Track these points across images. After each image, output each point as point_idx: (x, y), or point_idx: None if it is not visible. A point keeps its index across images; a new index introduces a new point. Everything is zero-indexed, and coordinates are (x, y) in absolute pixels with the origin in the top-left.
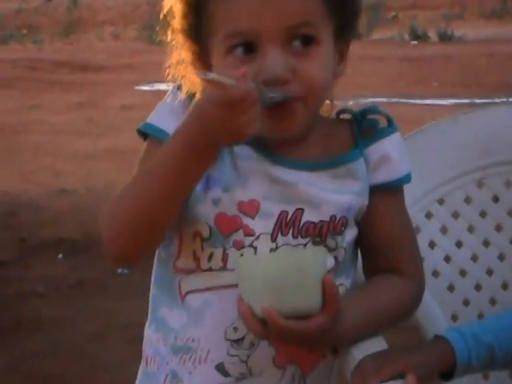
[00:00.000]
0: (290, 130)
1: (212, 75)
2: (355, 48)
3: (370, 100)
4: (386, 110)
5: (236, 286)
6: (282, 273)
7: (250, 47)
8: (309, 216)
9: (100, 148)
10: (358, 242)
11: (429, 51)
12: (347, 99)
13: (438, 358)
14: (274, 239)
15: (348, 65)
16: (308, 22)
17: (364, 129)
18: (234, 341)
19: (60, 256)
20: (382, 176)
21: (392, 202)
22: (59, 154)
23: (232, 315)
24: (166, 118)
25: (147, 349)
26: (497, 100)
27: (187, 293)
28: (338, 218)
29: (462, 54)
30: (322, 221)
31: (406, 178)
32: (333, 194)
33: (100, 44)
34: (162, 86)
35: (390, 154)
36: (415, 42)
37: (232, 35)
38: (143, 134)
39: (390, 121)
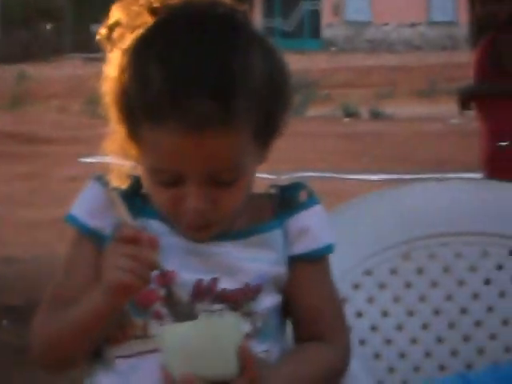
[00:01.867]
0: (208, 237)
1: (117, 202)
2: (290, 124)
3: (304, 175)
4: (308, 185)
5: (158, 350)
6: (199, 340)
7: (174, 178)
8: (224, 283)
9: (45, 218)
10: (285, 310)
11: (360, 128)
12: (281, 174)
13: None
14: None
15: (282, 140)
16: (233, 166)
17: (285, 202)
18: None
19: (4, 322)
20: (301, 247)
21: (313, 273)
22: (4, 223)
23: (156, 378)
24: (87, 211)
25: None
26: (424, 176)
27: (116, 357)
28: (252, 286)
29: (392, 131)
30: (237, 288)
31: (327, 249)
32: (247, 262)
33: (46, 116)
34: (105, 159)
35: (310, 226)
36: (347, 119)
37: (156, 169)
38: None
39: (310, 194)
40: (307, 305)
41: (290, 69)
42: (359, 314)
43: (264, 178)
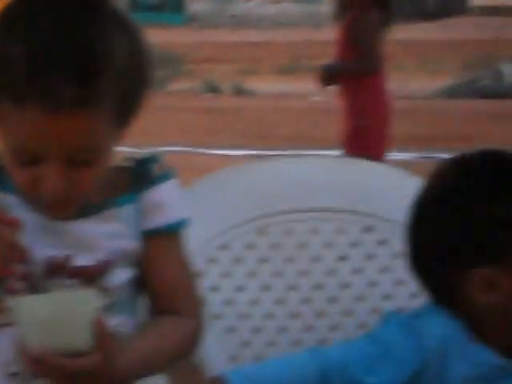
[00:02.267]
0: (67, 215)
1: None
2: (152, 99)
3: (165, 149)
4: (163, 159)
5: (13, 324)
6: (53, 314)
7: (33, 158)
8: (78, 260)
9: None
10: (140, 283)
11: (222, 103)
12: (141, 147)
13: None
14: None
15: (144, 115)
16: (92, 147)
17: (139, 176)
18: (13, 375)
19: None
20: (155, 222)
21: (167, 247)
22: None
23: (11, 351)
24: None
25: None
26: (284, 152)
27: None
28: (105, 261)
29: (253, 107)
30: (90, 264)
31: (181, 224)
32: (101, 237)
33: None
34: None
35: (164, 201)
36: (210, 95)
37: (15, 148)
38: None
39: (165, 168)
40: (161, 279)
41: (150, 46)
42: (214, 289)
43: (123, 151)
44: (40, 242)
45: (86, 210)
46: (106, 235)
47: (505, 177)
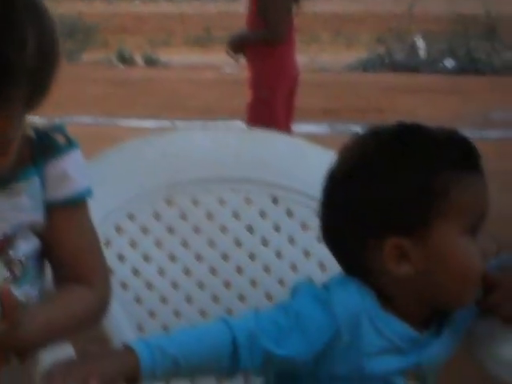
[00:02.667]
0: None
1: None
2: (65, 69)
3: (76, 120)
4: (66, 129)
5: None
6: None
7: None
8: None
9: None
10: (45, 254)
11: (134, 74)
12: (51, 118)
13: (123, 366)
14: None
15: (57, 85)
16: (5, 139)
17: (43, 146)
18: None
19: None
20: (59, 193)
21: (71, 218)
22: None
23: None
24: None
25: None
26: (197, 123)
27: None
28: (11, 233)
29: (165, 78)
30: None
31: (85, 195)
32: (5, 211)
33: None
34: None
35: (67, 172)
36: (122, 66)
37: None
38: None
39: (68, 139)
40: (66, 249)
41: (63, 17)
42: (121, 258)
43: (34, 122)
44: None
45: None
46: (11, 208)
47: (419, 148)
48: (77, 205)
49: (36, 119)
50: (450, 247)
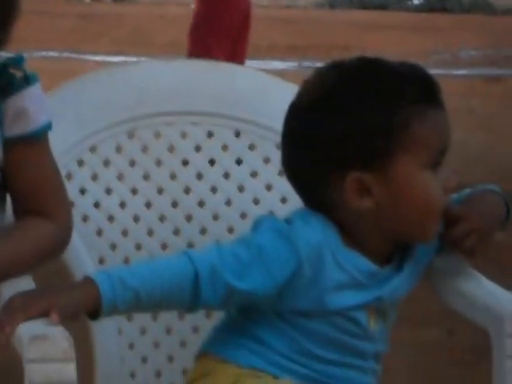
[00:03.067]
0: None
1: None
2: (30, 2)
3: (41, 54)
4: (25, 63)
5: None
6: None
7: None
8: None
9: None
10: (6, 187)
11: (102, 9)
12: (18, 52)
13: (84, 298)
14: None
15: (23, 20)
16: None
17: (1, 84)
18: None
19: None
20: (18, 129)
21: (31, 152)
22: None
23: None
24: None
25: None
26: (164, 58)
27: None
28: None
29: (133, 13)
30: None
31: (44, 128)
32: None
33: None
34: None
35: (26, 107)
36: (89, 0)
37: None
38: None
39: (26, 74)
40: (26, 183)
41: None
42: (82, 191)
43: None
44: None
45: None
46: None
47: (380, 82)
48: (35, 140)
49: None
50: (410, 180)
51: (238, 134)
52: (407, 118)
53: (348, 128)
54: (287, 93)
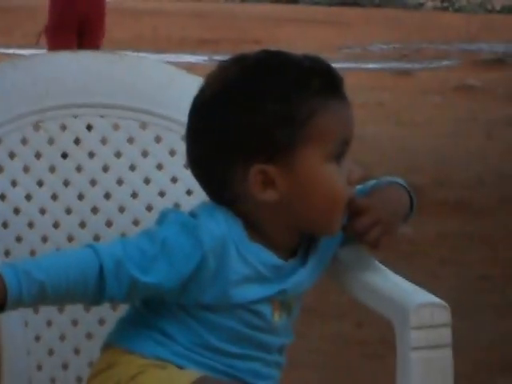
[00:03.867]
0: None
1: None
2: None
3: None
4: None
5: None
6: None
7: None
8: None
9: None
10: None
11: (15, 3)
12: None
13: None
14: None
15: None
16: None
17: None
18: None
19: None
20: None
21: None
22: None
23: None
24: None
25: None
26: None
27: None
28: None
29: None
30: None
31: None
32: None
33: None
34: None
35: None
36: None
37: None
38: None
39: None
40: None
41: None
42: None
43: None
44: None
45: None
46: None
47: (282, 75)
48: None
49: None
50: (314, 173)
51: (143, 126)
52: (310, 109)
53: (249, 121)
54: (194, 86)
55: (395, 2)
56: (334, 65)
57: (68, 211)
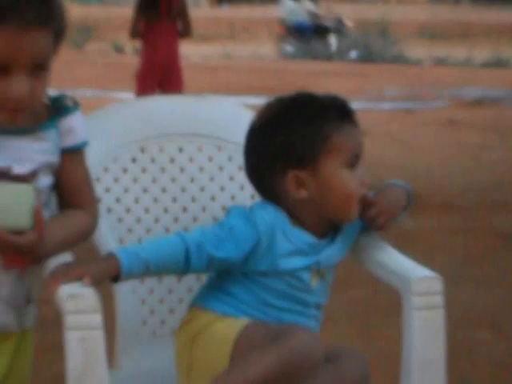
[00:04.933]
0: (19, 120)
1: None
2: (73, 55)
3: (81, 92)
4: (72, 95)
5: None
6: (2, 198)
7: (3, 69)
8: (17, 169)
9: None
10: (54, 187)
11: (125, 60)
12: (63, 91)
13: (108, 267)
14: None
15: (65, 67)
16: (45, 57)
17: (57, 108)
18: None
19: None
20: (68, 142)
21: (76, 161)
22: None
23: None
24: None
25: None
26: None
27: None
28: (36, 170)
29: None
30: (27, 172)
31: (84, 144)
32: (33, 152)
33: None
34: None
35: (74, 126)
36: (116, 53)
37: None
38: None
39: (74, 102)
40: (70, 184)
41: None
42: (107, 190)
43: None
44: None
45: (21, 131)
46: (37, 151)
47: (311, 108)
48: (79, 151)
49: (51, 91)
50: (333, 176)
51: (219, 149)
52: (329, 132)
53: (286, 140)
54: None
55: (401, 60)
56: (356, 105)
57: (165, 211)
